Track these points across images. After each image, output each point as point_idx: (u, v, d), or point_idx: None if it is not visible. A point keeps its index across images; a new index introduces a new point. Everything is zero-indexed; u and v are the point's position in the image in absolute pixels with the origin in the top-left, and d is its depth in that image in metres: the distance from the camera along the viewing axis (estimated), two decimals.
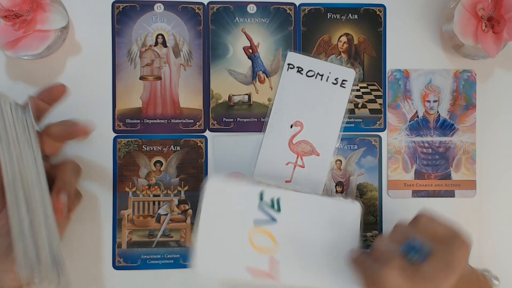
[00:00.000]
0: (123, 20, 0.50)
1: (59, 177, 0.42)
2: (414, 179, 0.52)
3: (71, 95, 0.49)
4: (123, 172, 0.50)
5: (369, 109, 0.52)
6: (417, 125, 0.52)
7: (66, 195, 0.41)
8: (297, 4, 0.51)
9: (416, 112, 0.52)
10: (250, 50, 0.51)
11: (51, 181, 0.42)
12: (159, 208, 0.50)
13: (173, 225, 0.50)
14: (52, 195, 0.40)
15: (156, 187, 0.50)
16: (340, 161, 0.51)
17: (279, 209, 0.44)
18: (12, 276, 0.41)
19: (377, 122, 0.52)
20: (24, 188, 0.38)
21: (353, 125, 0.51)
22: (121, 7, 0.50)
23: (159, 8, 0.50)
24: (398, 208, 0.52)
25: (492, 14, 0.47)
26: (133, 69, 0.50)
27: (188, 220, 0.50)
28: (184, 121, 0.50)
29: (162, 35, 0.50)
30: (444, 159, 0.52)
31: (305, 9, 0.51)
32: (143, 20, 0.50)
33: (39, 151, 0.40)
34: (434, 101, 0.52)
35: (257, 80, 0.51)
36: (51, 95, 0.42)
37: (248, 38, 0.51)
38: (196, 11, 0.50)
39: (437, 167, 0.52)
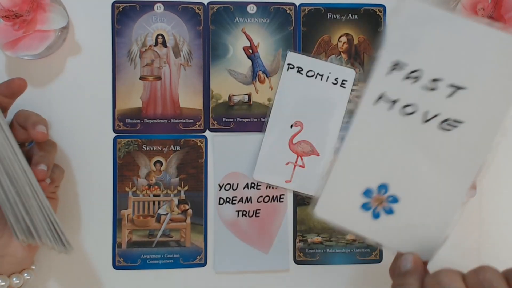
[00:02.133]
0: (123, 20, 0.50)
1: (35, 153, 0.43)
2: None
3: (71, 95, 0.49)
4: (123, 172, 0.50)
5: None
6: None
7: (45, 166, 0.42)
8: (297, 4, 0.51)
9: None
10: (250, 50, 0.51)
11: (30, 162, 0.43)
12: (159, 208, 0.50)
13: (173, 225, 0.50)
14: (31, 168, 0.41)
15: (156, 187, 0.50)
16: None
17: None
18: (8, 259, 0.42)
19: None
20: (3, 165, 0.40)
21: None
22: (121, 7, 0.50)
23: (159, 8, 0.50)
24: None
25: (492, 14, 0.47)
26: (133, 69, 0.50)
27: (188, 220, 0.50)
28: (184, 121, 0.50)
29: (162, 35, 0.50)
30: None
31: (305, 9, 0.51)
32: (143, 20, 0.50)
33: (9, 130, 0.41)
34: None
35: (257, 80, 0.51)
36: (10, 90, 0.42)
37: (248, 38, 0.51)
38: (196, 11, 0.50)
39: None
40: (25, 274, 0.44)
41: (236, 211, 0.51)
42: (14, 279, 0.42)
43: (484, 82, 0.31)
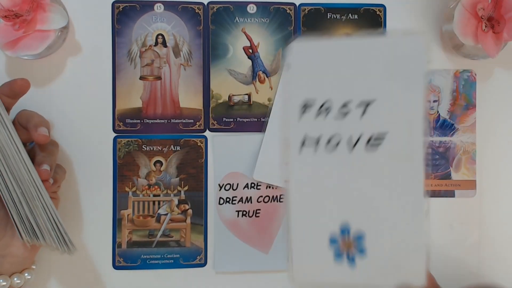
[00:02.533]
0: (123, 20, 0.50)
1: (38, 153, 0.43)
2: None
3: (71, 95, 0.49)
4: (123, 172, 0.50)
5: None
6: None
7: (48, 166, 0.42)
8: (297, 4, 0.51)
9: None
10: (250, 50, 0.51)
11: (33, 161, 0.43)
12: (159, 208, 0.50)
13: (173, 225, 0.50)
14: (35, 168, 0.41)
15: (156, 187, 0.50)
16: None
17: None
18: (10, 259, 0.42)
19: None
20: (8, 165, 0.40)
21: None
22: (121, 7, 0.50)
23: (159, 8, 0.50)
24: None
25: (492, 14, 0.47)
26: (133, 69, 0.50)
27: (188, 220, 0.50)
28: (184, 121, 0.50)
29: (162, 35, 0.50)
30: (444, 159, 0.52)
31: (305, 9, 0.51)
32: (143, 20, 0.50)
33: (14, 129, 0.41)
34: (434, 101, 0.52)
35: (257, 80, 0.51)
36: (13, 90, 0.42)
37: (248, 38, 0.51)
38: (196, 11, 0.50)
39: (437, 167, 0.52)
40: (26, 274, 0.44)
41: (236, 211, 0.51)
42: (15, 278, 0.43)
43: (389, 88, 0.30)
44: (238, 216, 0.51)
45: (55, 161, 0.45)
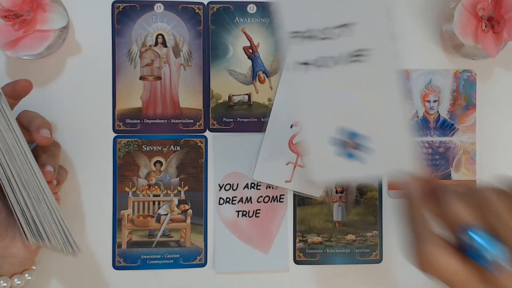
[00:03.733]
0: (123, 20, 0.50)
1: (40, 154, 0.43)
2: None
3: (71, 95, 0.49)
4: (123, 172, 0.50)
5: None
6: (417, 125, 0.52)
7: (52, 167, 0.42)
8: None
9: (416, 112, 0.52)
10: (250, 50, 0.51)
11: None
12: (159, 208, 0.50)
13: (173, 225, 0.50)
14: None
15: (156, 187, 0.50)
16: None
17: None
18: (10, 260, 0.42)
19: None
20: (15, 167, 0.40)
21: None
22: (121, 7, 0.50)
23: (159, 8, 0.50)
24: (398, 208, 0.52)
25: (492, 14, 0.47)
26: (133, 69, 0.50)
27: (188, 220, 0.50)
28: (184, 121, 0.50)
29: (162, 35, 0.50)
30: (444, 159, 0.52)
31: None
32: (143, 20, 0.50)
33: (20, 132, 0.41)
34: (434, 101, 0.52)
35: (257, 80, 0.51)
36: (16, 91, 0.42)
37: (248, 38, 0.51)
38: (196, 11, 0.50)
39: (437, 167, 0.52)
40: (26, 275, 0.44)
41: (236, 211, 0.51)
42: (16, 279, 0.43)
43: (367, 9, 0.34)
44: (238, 216, 0.51)
45: (58, 162, 0.45)
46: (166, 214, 0.50)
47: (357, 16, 0.34)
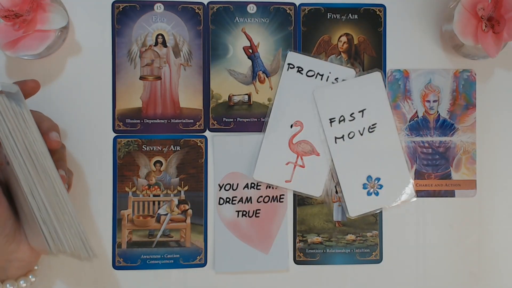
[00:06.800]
0: (123, 20, 0.50)
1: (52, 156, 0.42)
2: (414, 179, 0.52)
3: (71, 95, 0.49)
4: (123, 172, 0.50)
5: None
6: (417, 125, 0.52)
7: (63, 171, 0.41)
8: (297, 4, 0.51)
9: (416, 112, 0.52)
10: (250, 50, 0.51)
11: None
12: (159, 208, 0.50)
13: (173, 225, 0.50)
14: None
15: (156, 187, 0.50)
16: None
17: None
18: (16, 264, 0.42)
19: None
20: (37, 169, 0.39)
21: None
22: (121, 7, 0.50)
23: (159, 8, 0.50)
24: (398, 208, 0.52)
25: (492, 14, 0.47)
26: (133, 69, 0.50)
27: (188, 220, 0.50)
28: (184, 121, 0.50)
29: (162, 35, 0.50)
30: (444, 159, 0.52)
31: (305, 9, 0.51)
32: (143, 20, 0.50)
33: (39, 134, 0.40)
34: (434, 101, 0.52)
35: (257, 80, 0.51)
36: (23, 92, 0.42)
37: (248, 38, 0.51)
38: (196, 11, 0.50)
39: (437, 167, 0.52)
40: (30, 276, 0.44)
41: (236, 211, 0.51)
42: (21, 282, 0.43)
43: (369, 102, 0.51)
44: (238, 216, 0.51)
45: (67, 165, 0.44)
46: (166, 214, 0.50)
47: (366, 102, 0.51)
